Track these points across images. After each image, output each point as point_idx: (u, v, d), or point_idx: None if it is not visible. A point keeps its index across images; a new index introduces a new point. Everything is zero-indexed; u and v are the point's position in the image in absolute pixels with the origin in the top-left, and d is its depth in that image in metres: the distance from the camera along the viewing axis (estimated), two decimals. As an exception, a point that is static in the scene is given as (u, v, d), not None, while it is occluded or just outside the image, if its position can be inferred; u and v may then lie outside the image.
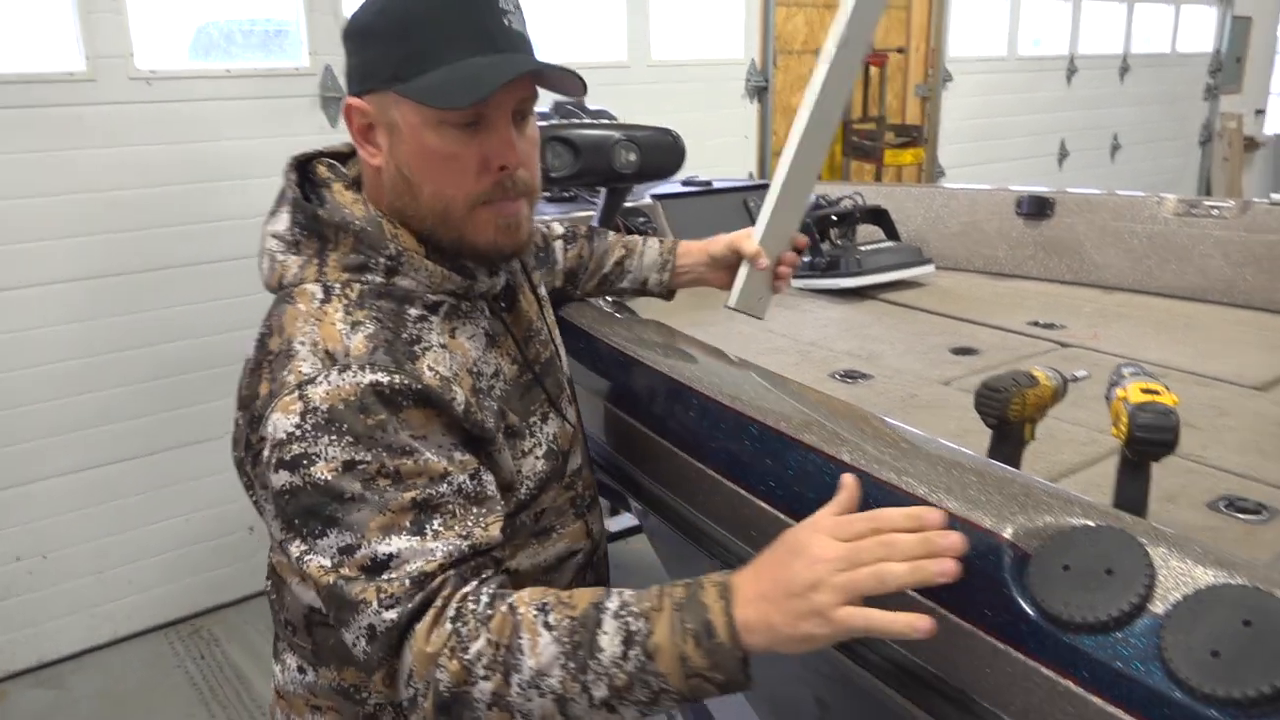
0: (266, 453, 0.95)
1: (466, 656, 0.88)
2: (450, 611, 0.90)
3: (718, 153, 4.26)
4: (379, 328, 0.99)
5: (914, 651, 0.89)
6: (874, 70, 5.08)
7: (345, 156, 1.15)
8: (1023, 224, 2.78)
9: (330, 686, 1.16)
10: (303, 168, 1.12)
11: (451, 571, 0.92)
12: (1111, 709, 0.71)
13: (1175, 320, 2.33)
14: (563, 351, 1.29)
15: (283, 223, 1.06)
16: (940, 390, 1.86)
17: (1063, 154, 6.35)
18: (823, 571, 0.80)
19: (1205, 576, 0.72)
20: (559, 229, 1.55)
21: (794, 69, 4.95)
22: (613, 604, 0.88)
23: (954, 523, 0.82)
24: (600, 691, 0.86)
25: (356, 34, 1.03)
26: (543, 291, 1.29)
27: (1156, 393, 1.10)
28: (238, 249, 3.06)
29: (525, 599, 0.91)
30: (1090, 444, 1.58)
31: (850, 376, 1.93)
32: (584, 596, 0.90)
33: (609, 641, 0.86)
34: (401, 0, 1.00)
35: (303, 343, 0.97)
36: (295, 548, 0.95)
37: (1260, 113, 8.48)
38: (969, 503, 0.86)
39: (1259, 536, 1.27)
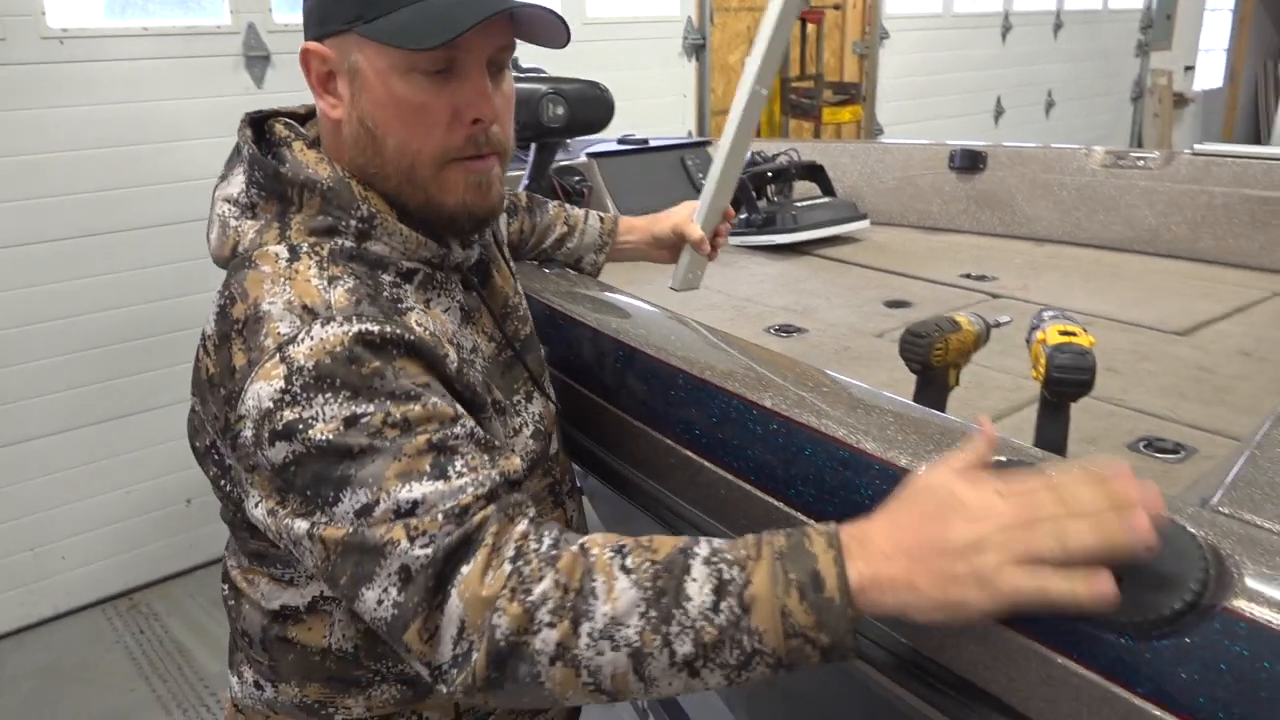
0: (250, 431, 0.85)
1: (530, 599, 0.77)
2: (509, 551, 0.80)
3: (655, 111, 4.23)
4: (358, 283, 0.90)
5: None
6: (811, 28, 5.06)
7: (302, 119, 1.06)
8: (956, 178, 2.81)
9: (292, 703, 1.07)
10: (258, 127, 1.03)
11: (491, 507, 0.83)
12: (1023, 639, 0.73)
13: (1103, 270, 2.37)
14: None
15: (237, 185, 0.98)
16: (873, 342, 1.88)
17: (999, 111, 6.42)
18: (990, 529, 0.68)
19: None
20: None
21: (731, 26, 4.92)
22: (703, 550, 0.78)
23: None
24: (685, 647, 0.74)
25: None
26: (508, 257, 1.23)
27: (1074, 334, 1.12)
28: (165, 214, 2.99)
29: (598, 540, 0.81)
30: (1016, 390, 1.61)
31: (785, 331, 1.94)
32: (667, 542, 0.80)
33: (698, 590, 0.75)
34: None
35: (273, 303, 0.87)
36: (306, 523, 0.84)
37: (1190, 69, 8.64)
38: (887, 443, 0.87)
39: (1176, 474, 1.30)
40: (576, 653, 0.76)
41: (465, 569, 0.79)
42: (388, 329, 0.86)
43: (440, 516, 0.81)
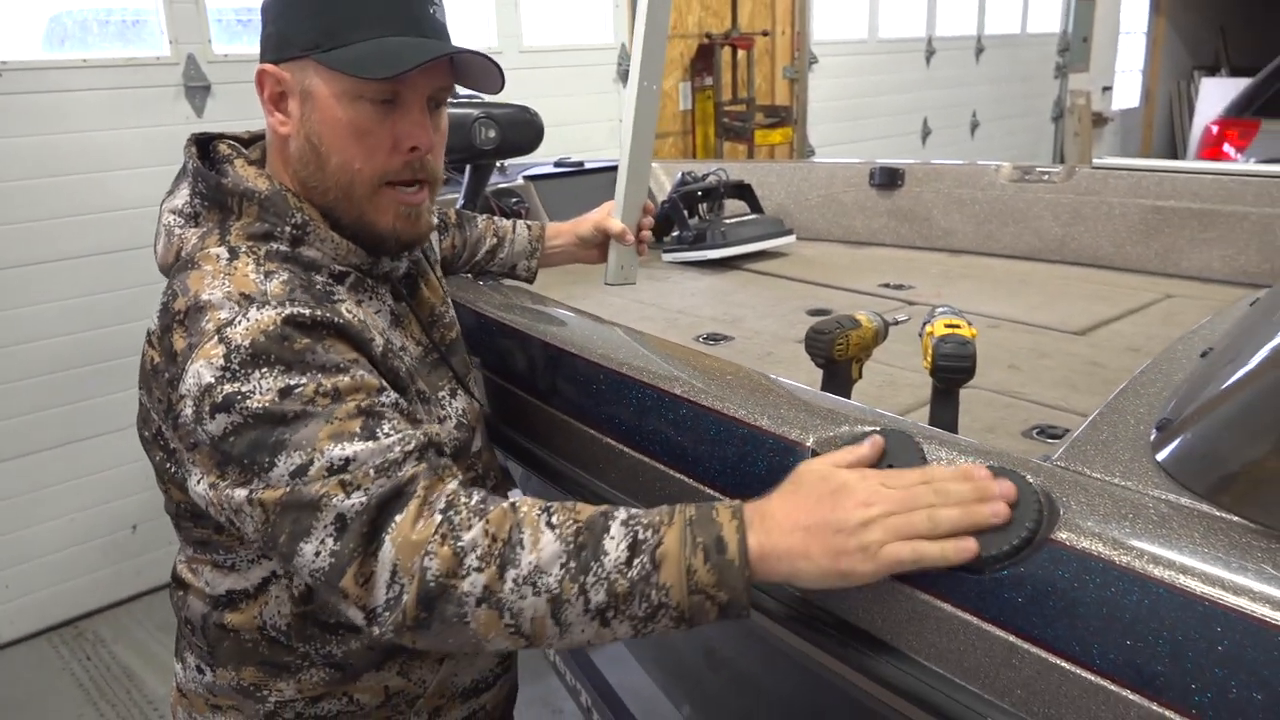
0: (190, 408, 0.92)
1: (460, 544, 0.85)
2: (440, 503, 0.88)
3: (591, 136, 4.35)
4: (292, 276, 0.99)
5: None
6: (742, 53, 5.24)
7: (245, 143, 1.16)
8: (876, 194, 2.95)
9: (230, 686, 1.15)
10: (204, 147, 1.12)
11: (421, 464, 0.91)
12: (892, 581, 0.83)
13: (1012, 278, 2.52)
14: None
15: (181, 197, 1.07)
16: (795, 348, 1.99)
17: (926, 131, 6.65)
18: (876, 513, 0.80)
19: (961, 461, 0.85)
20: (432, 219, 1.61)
21: (665, 53, 5.06)
22: (621, 514, 0.87)
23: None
24: (598, 597, 0.83)
25: (272, 5, 1.05)
26: (439, 272, 1.32)
27: (958, 326, 1.24)
28: (107, 242, 3.02)
29: (527, 500, 0.89)
30: (924, 386, 1.72)
31: (713, 339, 2.05)
32: (589, 507, 0.88)
33: (614, 546, 0.84)
34: None
35: (213, 294, 0.95)
36: (245, 490, 0.91)
37: (1107, 89, 9.02)
38: (779, 420, 0.98)
39: (1056, 451, 1.42)
40: (501, 596, 0.84)
41: (398, 517, 0.87)
42: (318, 313, 0.95)
43: (372, 471, 0.88)
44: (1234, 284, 2.33)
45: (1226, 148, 5.22)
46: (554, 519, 0.87)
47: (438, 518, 0.87)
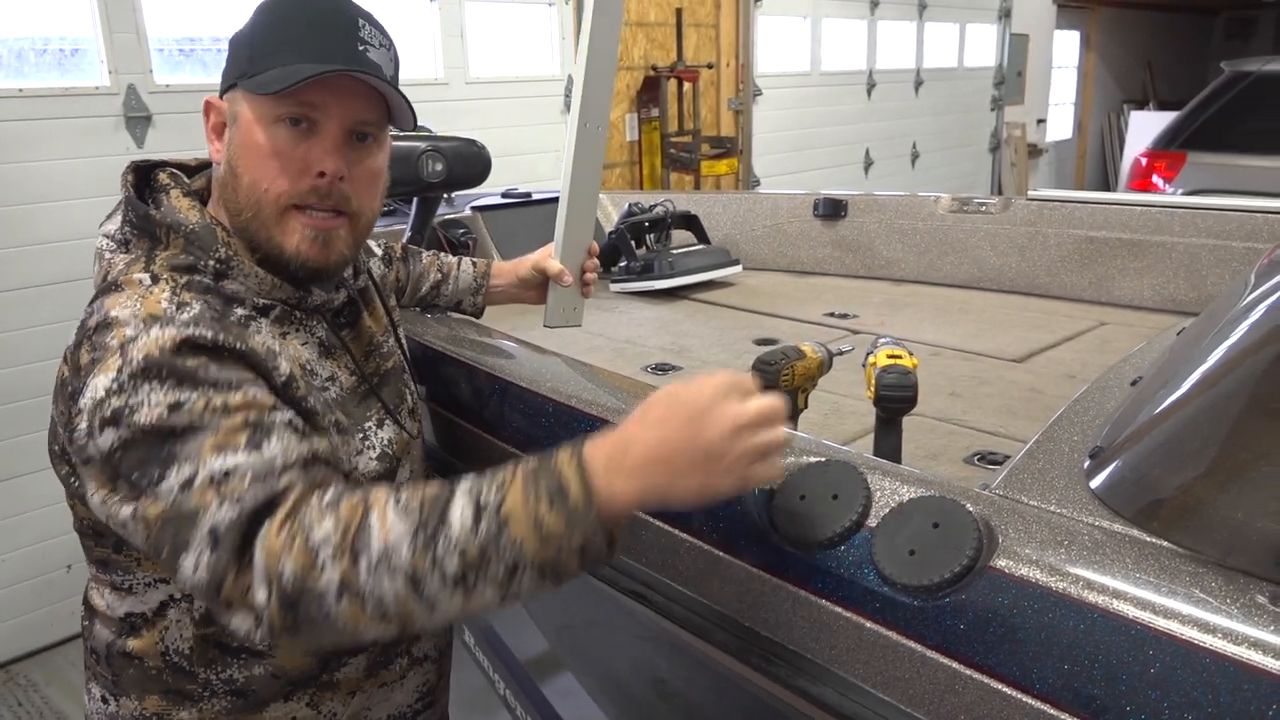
0: (84, 422, 0.92)
1: (311, 542, 0.85)
2: (302, 508, 0.89)
3: (538, 166, 4.37)
4: (205, 308, 0.99)
5: (687, 585, 1.01)
6: (687, 85, 5.30)
7: (192, 170, 1.18)
8: (820, 225, 3.00)
9: (133, 716, 1.14)
10: (146, 174, 1.14)
11: (298, 471, 0.91)
12: (839, 610, 0.85)
13: (953, 306, 2.58)
14: (409, 365, 1.32)
15: (115, 223, 1.09)
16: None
17: (868, 162, 6.79)
18: (730, 433, 0.83)
19: (908, 493, 0.87)
20: (376, 250, 1.59)
21: (612, 85, 5.11)
22: (465, 483, 0.87)
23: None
24: (453, 566, 0.83)
25: (229, 43, 1.09)
26: (393, 301, 1.32)
27: (899, 357, 1.27)
28: (48, 274, 2.96)
29: (384, 489, 0.89)
30: (871, 415, 1.74)
31: (661, 369, 2.07)
32: (438, 483, 0.89)
33: (459, 514, 0.84)
34: (270, 13, 1.07)
35: (122, 311, 0.96)
36: (132, 506, 0.91)
37: (1041, 122, 9.29)
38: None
39: (995, 479, 1.46)
40: (358, 584, 0.84)
41: (266, 526, 0.88)
42: (221, 337, 0.96)
43: (248, 482, 0.89)
44: (1164, 311, 2.41)
45: (1155, 179, 5.40)
46: (401, 499, 0.87)
47: (295, 522, 0.87)
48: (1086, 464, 0.90)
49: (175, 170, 1.14)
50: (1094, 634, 0.71)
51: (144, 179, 1.13)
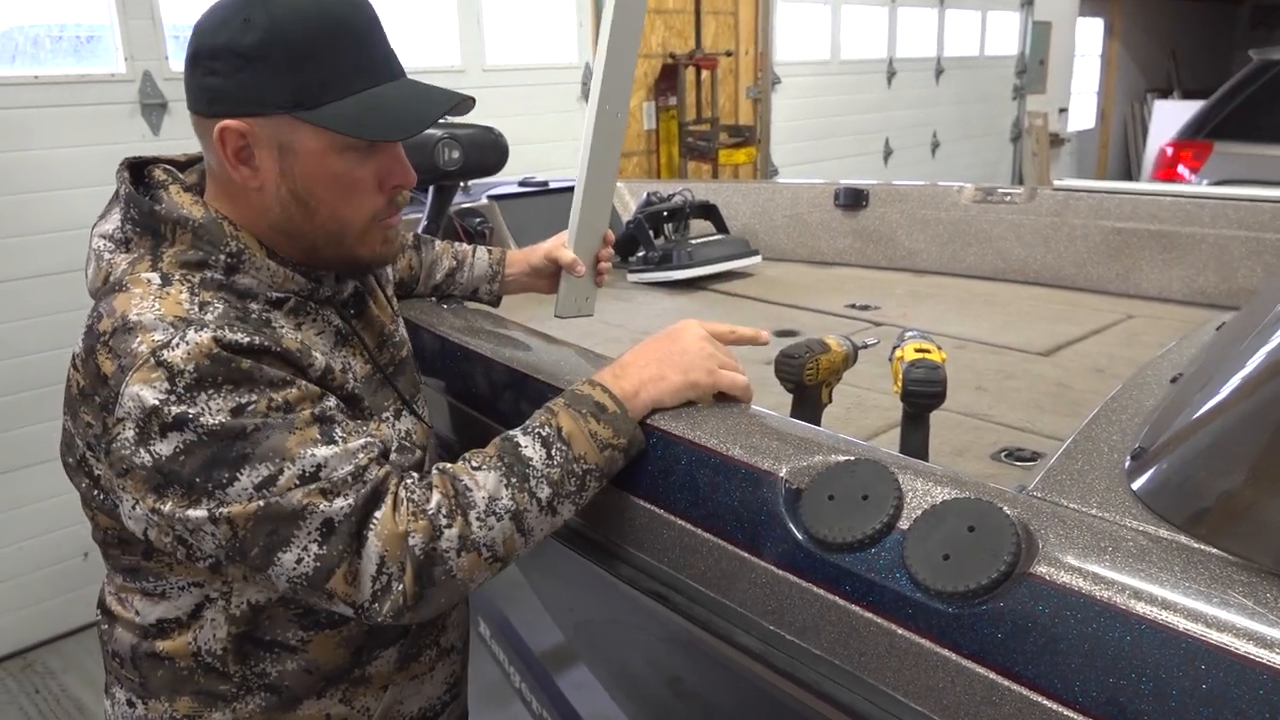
0: (131, 431, 0.90)
1: (429, 511, 0.94)
2: (403, 494, 0.96)
3: (555, 154, 4.34)
4: (227, 307, 0.98)
5: (709, 586, 0.98)
6: (705, 73, 5.25)
7: (181, 166, 1.12)
8: (841, 215, 2.96)
9: (161, 719, 1.11)
10: (138, 171, 1.10)
11: (386, 465, 0.98)
12: (869, 615, 0.82)
13: (976, 298, 2.53)
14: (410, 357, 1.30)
15: (112, 222, 1.05)
16: (763, 370, 1.96)
17: (888, 151, 6.72)
18: (710, 354, 1.11)
19: (941, 494, 0.84)
20: None
21: (630, 73, 5.07)
22: (515, 431, 1.02)
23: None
24: (544, 492, 0.98)
25: (226, 55, 0.97)
26: (390, 292, 1.30)
27: (928, 351, 1.23)
28: (60, 263, 2.95)
29: (441, 464, 1.02)
30: (894, 409, 1.71)
31: (679, 360, 2.03)
32: (487, 446, 1.02)
33: (532, 451, 0.99)
34: (283, 26, 0.96)
35: (142, 315, 0.93)
36: (203, 510, 0.91)
37: (1064, 111, 9.19)
38: (752, 450, 0.96)
39: (1029, 479, 1.42)
40: (474, 536, 0.96)
41: (378, 514, 0.94)
42: (256, 339, 0.95)
43: (348, 476, 0.94)
44: (1193, 304, 2.36)
45: (1181, 169, 5.31)
46: (474, 462, 1.00)
47: (405, 506, 0.95)
48: (1128, 465, 0.87)
49: (168, 166, 1.10)
50: (1142, 646, 0.67)
51: (139, 175, 1.10)
